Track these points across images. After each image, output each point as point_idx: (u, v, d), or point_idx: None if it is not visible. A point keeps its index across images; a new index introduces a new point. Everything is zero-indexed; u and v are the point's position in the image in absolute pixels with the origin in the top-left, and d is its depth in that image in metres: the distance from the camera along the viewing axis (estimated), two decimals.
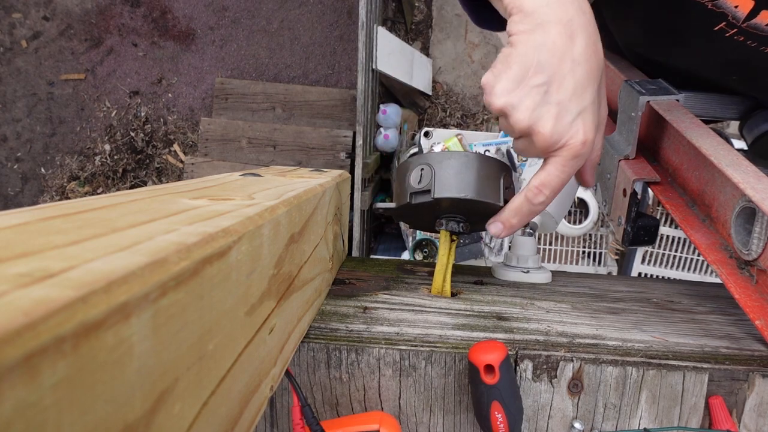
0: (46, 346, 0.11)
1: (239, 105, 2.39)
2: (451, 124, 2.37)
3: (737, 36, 0.54)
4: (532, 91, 0.42)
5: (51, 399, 0.11)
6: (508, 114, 0.43)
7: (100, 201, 0.25)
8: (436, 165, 0.48)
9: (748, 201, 0.44)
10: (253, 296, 0.27)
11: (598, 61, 0.43)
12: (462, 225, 0.51)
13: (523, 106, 0.42)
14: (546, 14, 0.41)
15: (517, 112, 0.43)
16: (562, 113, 0.42)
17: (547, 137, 0.42)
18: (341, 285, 0.54)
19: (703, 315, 0.51)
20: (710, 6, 0.52)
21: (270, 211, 0.29)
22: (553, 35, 0.41)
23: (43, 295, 0.12)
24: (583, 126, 0.42)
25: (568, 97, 0.42)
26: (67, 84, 2.48)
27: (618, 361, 0.41)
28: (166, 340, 0.17)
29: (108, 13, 2.47)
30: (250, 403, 0.27)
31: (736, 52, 0.57)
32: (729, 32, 0.54)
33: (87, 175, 2.48)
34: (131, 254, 0.16)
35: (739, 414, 0.42)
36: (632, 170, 0.57)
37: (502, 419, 0.38)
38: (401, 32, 2.38)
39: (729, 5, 0.52)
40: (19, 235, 0.18)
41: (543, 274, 0.60)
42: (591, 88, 0.43)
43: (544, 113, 0.42)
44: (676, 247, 1.70)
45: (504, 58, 0.43)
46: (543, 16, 0.41)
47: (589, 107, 0.43)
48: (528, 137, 0.44)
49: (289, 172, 0.51)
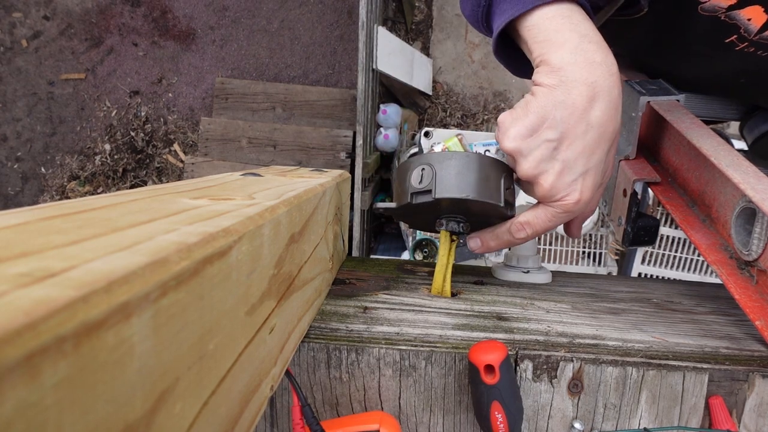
0: (46, 345, 0.11)
1: (239, 105, 2.39)
2: (452, 124, 2.37)
3: (748, 48, 0.55)
4: (542, 144, 0.44)
5: (52, 399, 0.11)
6: (516, 159, 0.46)
7: (100, 201, 0.25)
8: (437, 165, 0.48)
9: (749, 201, 0.44)
10: (253, 296, 0.27)
11: (614, 126, 0.44)
12: (462, 225, 0.51)
13: (531, 157, 0.44)
14: (572, 73, 0.42)
15: (524, 161, 0.45)
16: (564, 171, 0.44)
17: (546, 190, 0.45)
18: (341, 285, 0.54)
19: (703, 315, 0.51)
20: (723, 17, 0.52)
21: (270, 211, 0.29)
22: (575, 95, 0.42)
23: (43, 295, 0.12)
24: (581, 187, 0.44)
25: (574, 158, 0.43)
26: (68, 83, 2.48)
27: (618, 362, 0.41)
28: (166, 340, 0.17)
29: (108, 13, 2.47)
30: (251, 403, 0.27)
31: (746, 62, 0.57)
32: (740, 46, 0.55)
33: (87, 174, 2.48)
34: (132, 254, 0.16)
35: (739, 414, 0.42)
36: (632, 170, 0.57)
37: (502, 419, 0.38)
38: (401, 32, 2.38)
39: (742, 17, 0.52)
40: (19, 234, 0.18)
41: (543, 274, 0.60)
42: (600, 150, 0.44)
43: (548, 168, 0.44)
44: (677, 248, 1.70)
45: (524, 104, 0.45)
46: (569, 75, 0.42)
47: (592, 169, 0.44)
48: (529, 183, 0.47)
49: (290, 172, 0.51)
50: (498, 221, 0.51)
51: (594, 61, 0.42)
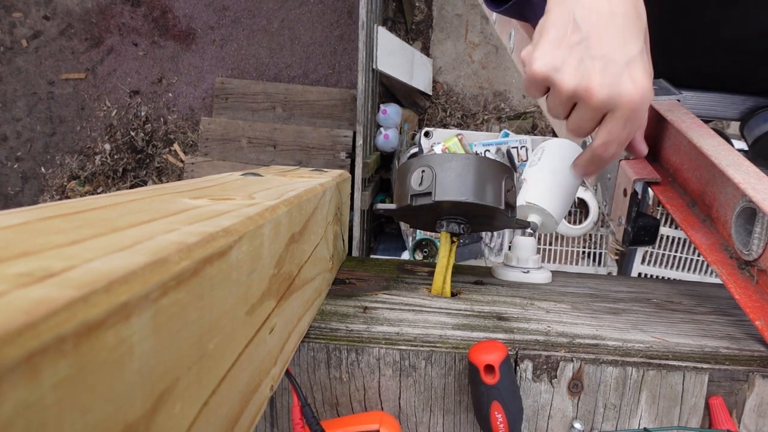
0: (46, 345, 0.11)
1: (239, 104, 2.39)
2: (452, 124, 2.37)
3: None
4: (572, 49, 0.40)
5: (52, 399, 0.11)
6: (551, 79, 0.41)
7: (100, 201, 0.25)
8: (437, 167, 0.48)
9: (749, 201, 0.44)
10: (253, 296, 0.27)
11: (638, 13, 0.41)
12: (463, 226, 0.51)
13: (566, 66, 0.40)
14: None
15: (560, 74, 0.41)
16: (608, 66, 0.40)
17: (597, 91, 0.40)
18: (341, 285, 0.54)
19: (703, 315, 0.51)
20: None
21: (270, 211, 0.29)
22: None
23: (43, 295, 0.12)
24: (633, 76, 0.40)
25: (611, 49, 0.40)
26: (68, 83, 2.48)
27: (618, 362, 0.41)
28: (166, 340, 0.17)
29: (108, 13, 2.47)
30: (251, 403, 0.27)
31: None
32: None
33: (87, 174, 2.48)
34: (132, 254, 0.16)
35: (739, 414, 0.42)
36: (633, 170, 0.57)
37: (502, 419, 0.38)
38: (401, 32, 2.38)
39: None
40: (19, 234, 0.18)
41: (543, 274, 0.60)
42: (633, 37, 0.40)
43: (589, 68, 0.40)
44: (677, 248, 1.70)
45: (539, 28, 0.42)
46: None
47: (637, 57, 0.40)
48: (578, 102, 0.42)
49: (290, 172, 0.51)
50: (500, 223, 0.51)
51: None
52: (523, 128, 2.28)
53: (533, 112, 2.34)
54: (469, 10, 2.37)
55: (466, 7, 2.37)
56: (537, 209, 0.58)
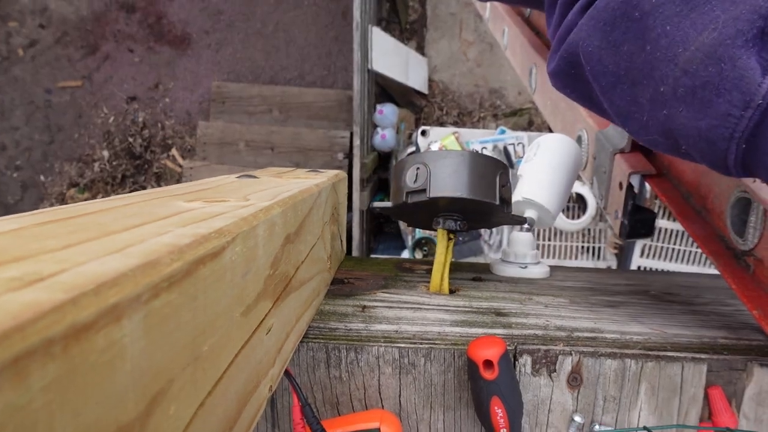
0: (34, 348, 0.11)
1: (236, 108, 2.39)
2: (448, 123, 2.37)
3: None
4: None
5: (41, 401, 0.11)
6: None
7: (95, 205, 0.25)
8: (432, 164, 0.48)
9: (743, 191, 0.44)
10: (248, 297, 0.27)
11: None
12: (459, 223, 0.51)
13: None
14: None
15: None
16: None
17: None
18: (340, 284, 0.54)
19: (701, 306, 0.52)
20: None
21: (264, 212, 0.29)
22: None
23: (32, 298, 0.12)
24: None
25: None
26: (65, 91, 2.48)
27: (617, 354, 0.42)
28: (159, 342, 0.17)
29: (103, 20, 2.47)
30: (249, 404, 0.28)
31: None
32: None
33: (86, 181, 2.48)
34: (123, 256, 0.17)
35: (738, 403, 0.42)
36: (628, 163, 0.57)
37: (502, 414, 0.38)
38: (396, 32, 2.38)
39: None
40: (13, 240, 0.18)
41: (541, 268, 0.60)
42: None
43: None
44: (675, 240, 1.70)
45: None
46: None
47: None
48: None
49: (286, 174, 0.51)
50: (496, 219, 0.51)
51: None
52: (519, 125, 2.29)
53: (529, 109, 2.34)
54: (463, 9, 2.37)
55: (460, 5, 2.37)
56: (533, 204, 0.58)
